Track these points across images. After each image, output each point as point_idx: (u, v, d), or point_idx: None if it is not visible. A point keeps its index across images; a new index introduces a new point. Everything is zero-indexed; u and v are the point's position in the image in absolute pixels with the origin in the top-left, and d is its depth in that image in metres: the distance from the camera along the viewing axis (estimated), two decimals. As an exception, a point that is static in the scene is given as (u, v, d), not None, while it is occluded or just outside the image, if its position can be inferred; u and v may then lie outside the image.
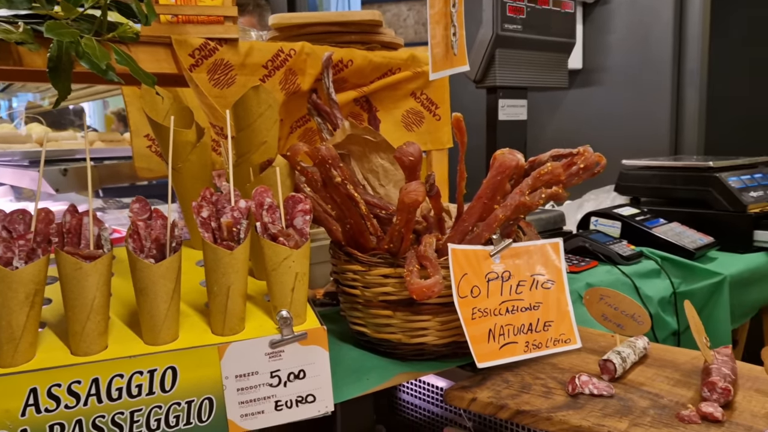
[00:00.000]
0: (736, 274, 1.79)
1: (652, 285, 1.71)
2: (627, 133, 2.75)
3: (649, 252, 1.82)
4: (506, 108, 1.71)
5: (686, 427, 0.83)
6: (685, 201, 2.07)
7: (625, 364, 0.99)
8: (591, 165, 1.13)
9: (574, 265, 1.70)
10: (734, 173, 2.04)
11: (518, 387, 0.97)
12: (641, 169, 2.20)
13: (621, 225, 1.93)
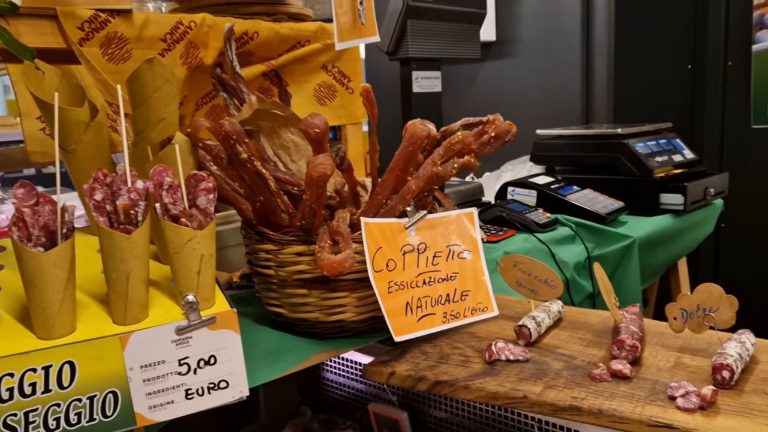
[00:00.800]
0: (645, 237, 1.86)
1: (568, 250, 1.75)
2: (541, 104, 2.80)
3: (564, 219, 1.86)
4: (420, 80, 1.70)
5: (597, 386, 0.85)
6: (597, 168, 2.13)
7: (540, 329, 1.01)
8: (502, 133, 1.13)
9: (493, 234, 1.72)
10: (641, 140, 2.12)
11: (437, 358, 0.97)
12: (554, 139, 2.24)
13: (537, 194, 1.97)
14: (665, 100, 3.51)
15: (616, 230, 1.84)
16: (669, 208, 2.00)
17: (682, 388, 0.80)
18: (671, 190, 1.98)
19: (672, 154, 2.18)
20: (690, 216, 2.08)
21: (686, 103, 3.69)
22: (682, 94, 3.65)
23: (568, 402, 0.81)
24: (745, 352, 0.87)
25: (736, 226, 3.75)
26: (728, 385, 0.82)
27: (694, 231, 2.17)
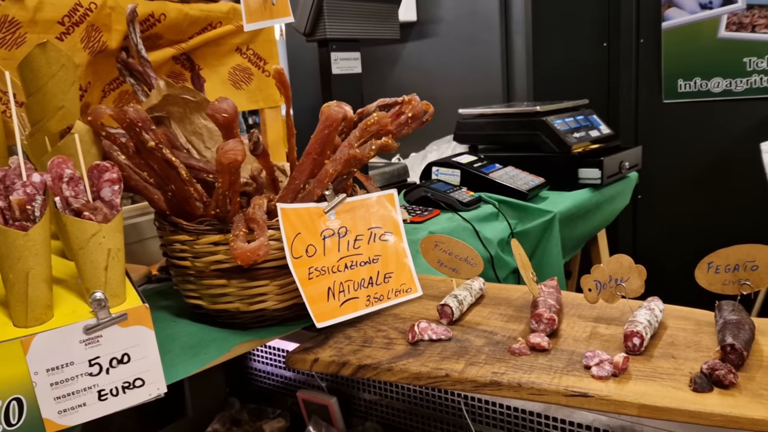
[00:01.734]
0: (565, 211, 1.92)
1: (491, 227, 1.78)
2: (463, 83, 2.83)
3: (487, 196, 1.89)
4: (339, 61, 1.68)
5: (517, 360, 0.86)
6: (518, 145, 2.17)
7: (462, 307, 1.02)
8: (419, 114, 1.13)
9: (418, 215, 1.73)
10: (559, 116, 2.17)
11: (360, 342, 0.96)
12: (476, 118, 2.27)
13: (460, 173, 1.99)
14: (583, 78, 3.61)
15: (538, 206, 1.88)
16: (587, 183, 2.06)
17: (596, 357, 0.82)
18: (589, 165, 2.05)
19: (589, 129, 2.25)
20: (607, 189, 2.15)
21: (603, 79, 3.81)
22: (598, 72, 3.76)
23: (488, 378, 0.82)
24: (654, 319, 0.90)
25: (651, 197, 3.91)
26: (639, 351, 0.85)
27: (612, 204, 2.25)
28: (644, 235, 4.02)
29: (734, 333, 0.81)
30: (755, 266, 0.85)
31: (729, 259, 0.87)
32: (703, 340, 0.89)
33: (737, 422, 0.71)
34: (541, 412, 1.08)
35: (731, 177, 3.54)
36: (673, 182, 3.81)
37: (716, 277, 0.88)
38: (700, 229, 3.71)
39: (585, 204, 2.02)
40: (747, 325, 0.85)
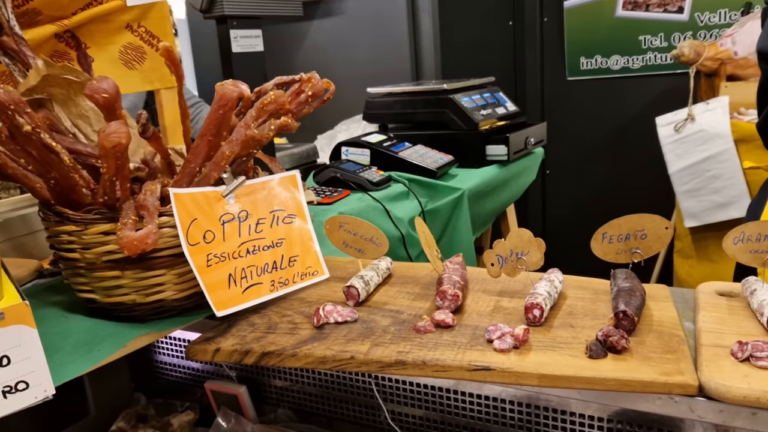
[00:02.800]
0: (473, 188, 1.95)
1: (402, 206, 1.78)
2: (372, 62, 2.81)
3: (398, 175, 1.89)
4: (239, 39, 1.62)
5: (422, 338, 0.86)
6: (427, 123, 2.18)
7: (368, 287, 1.01)
8: (319, 92, 1.10)
9: (327, 196, 1.71)
10: (466, 94, 2.19)
11: (264, 328, 0.94)
12: (385, 96, 2.26)
13: (370, 152, 1.98)
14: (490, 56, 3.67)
15: (447, 183, 1.90)
16: (494, 159, 2.10)
17: (498, 330, 0.83)
18: (495, 141, 2.08)
19: (496, 107, 2.28)
20: (514, 165, 2.20)
21: (509, 57, 3.89)
22: (504, 50, 3.84)
23: (393, 357, 0.82)
24: (554, 290, 0.92)
25: (559, 172, 4.06)
26: (539, 323, 0.87)
27: (519, 179, 2.30)
28: (553, 209, 4.17)
29: (626, 300, 0.84)
30: (644, 235, 0.89)
31: (621, 229, 0.90)
32: (599, 308, 0.92)
33: (629, 385, 0.74)
34: (452, 388, 1.09)
35: (632, 150, 3.71)
36: (579, 157, 3.96)
37: (610, 246, 0.91)
38: (604, 201, 3.89)
39: (493, 180, 2.06)
40: (638, 291, 0.88)
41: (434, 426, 1.11)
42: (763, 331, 0.81)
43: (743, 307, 0.89)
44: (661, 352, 0.78)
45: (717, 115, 3.02)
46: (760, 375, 0.71)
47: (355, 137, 2.06)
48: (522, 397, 1.03)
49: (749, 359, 0.74)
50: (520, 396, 1.03)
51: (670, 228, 0.87)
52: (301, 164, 2.00)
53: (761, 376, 0.71)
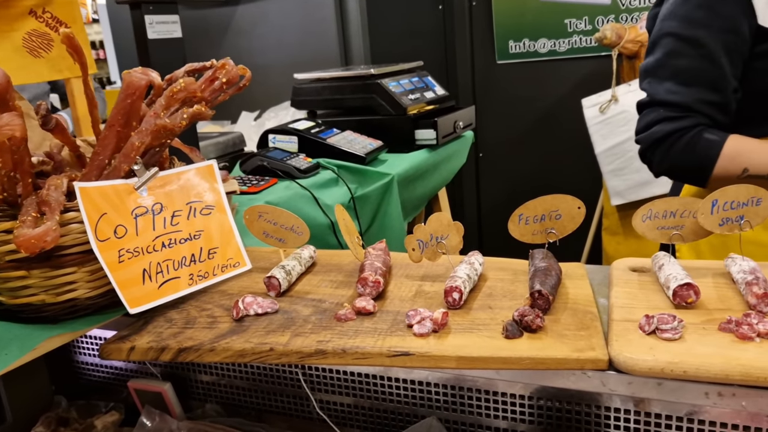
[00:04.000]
0: (403, 173, 1.95)
1: (331, 193, 1.77)
2: (300, 48, 2.77)
3: (326, 162, 1.87)
4: (155, 25, 1.56)
5: (343, 326, 0.86)
6: (355, 109, 2.17)
7: (290, 277, 0.99)
8: (234, 79, 1.07)
9: (254, 185, 1.68)
10: (394, 79, 2.19)
11: (182, 323, 0.91)
12: (313, 82, 2.23)
13: (298, 139, 1.95)
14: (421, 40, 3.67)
15: (376, 169, 1.90)
16: (424, 143, 2.11)
17: (418, 315, 0.83)
18: (424, 126, 2.09)
19: (424, 91, 2.29)
20: (443, 149, 2.21)
21: (440, 42, 3.90)
22: (435, 34, 3.85)
23: (313, 347, 0.81)
24: (474, 272, 0.93)
25: (491, 154, 4.12)
26: (458, 305, 0.87)
27: (449, 163, 2.32)
28: (487, 192, 4.23)
29: (542, 279, 0.86)
30: (559, 215, 0.90)
31: (536, 210, 0.91)
32: (518, 289, 0.93)
33: (544, 363, 0.75)
34: (381, 374, 1.09)
35: (561, 131, 3.80)
36: (510, 139, 4.03)
37: (526, 228, 0.93)
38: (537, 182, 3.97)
39: (423, 164, 2.07)
40: (554, 271, 0.90)
41: (364, 412, 1.11)
42: (670, 305, 0.84)
43: (653, 282, 0.92)
44: (575, 329, 0.80)
45: (638, 96, 3.13)
46: (665, 347, 0.74)
47: (283, 124, 2.02)
48: (449, 380, 1.04)
49: (655, 332, 0.77)
50: (447, 378, 1.03)
51: (583, 208, 0.89)
52: (227, 153, 1.95)
53: (666, 348, 0.74)
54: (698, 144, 1.23)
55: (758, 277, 0.82)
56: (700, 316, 0.81)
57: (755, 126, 1.26)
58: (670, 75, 1.27)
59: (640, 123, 1.33)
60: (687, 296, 0.82)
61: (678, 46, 1.25)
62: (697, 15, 1.22)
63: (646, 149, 1.31)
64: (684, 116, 1.25)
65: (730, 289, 0.88)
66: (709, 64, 1.22)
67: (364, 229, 1.84)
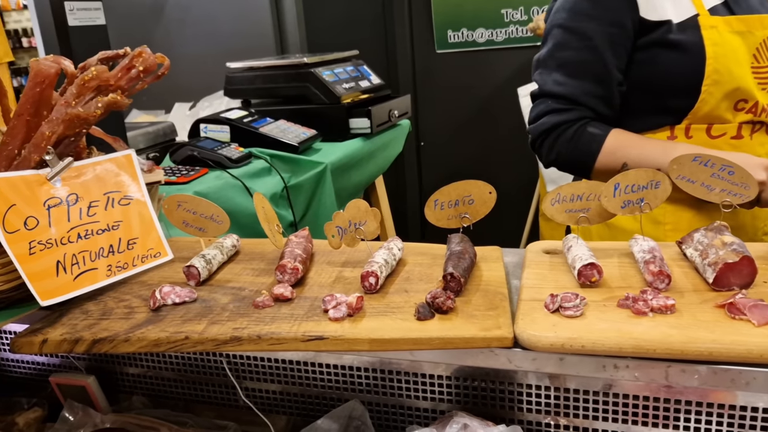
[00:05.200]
0: (337, 161, 1.96)
1: (263, 183, 1.76)
2: (234, 36, 2.74)
3: (259, 152, 1.86)
4: (76, 11, 1.51)
5: (260, 313, 0.86)
6: (290, 98, 2.16)
7: (210, 266, 0.99)
8: (152, 67, 1.05)
9: (183, 175, 1.66)
10: (328, 68, 2.19)
11: (98, 315, 0.90)
12: (246, 71, 2.21)
13: (230, 129, 1.93)
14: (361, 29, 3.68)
15: (309, 158, 1.90)
16: (358, 132, 2.12)
17: (334, 300, 0.85)
18: (358, 114, 2.10)
19: (359, 80, 2.30)
20: (379, 138, 2.23)
21: (380, 31, 3.91)
22: (375, 24, 3.86)
23: (229, 334, 0.81)
24: (392, 258, 0.95)
25: (433, 142, 4.16)
26: (375, 290, 0.89)
27: (385, 151, 2.34)
28: (429, 180, 4.28)
29: (455, 263, 0.89)
30: (471, 200, 0.93)
31: (451, 196, 0.94)
32: (435, 272, 0.96)
33: (452, 342, 0.78)
34: (311, 360, 1.10)
35: (500, 120, 3.87)
36: (451, 128, 4.08)
37: (442, 213, 0.95)
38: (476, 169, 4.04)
39: (357, 153, 2.08)
40: (468, 254, 0.93)
41: (292, 399, 1.12)
42: (576, 284, 0.88)
43: (563, 263, 0.96)
44: (484, 310, 0.83)
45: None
46: (567, 324, 0.78)
47: (214, 114, 2.00)
48: (375, 363, 1.05)
49: (559, 310, 0.80)
50: (374, 362, 1.05)
51: (494, 193, 0.92)
52: (158, 143, 1.92)
53: (567, 325, 0.77)
54: (582, 138, 1.25)
55: (655, 256, 0.87)
56: (603, 294, 0.85)
57: (639, 118, 1.29)
58: (557, 66, 1.28)
59: (531, 113, 1.34)
60: (591, 275, 0.86)
61: (565, 38, 1.26)
62: (584, 7, 1.23)
63: (535, 140, 1.34)
64: (570, 108, 1.27)
65: (632, 268, 0.92)
66: (594, 56, 1.24)
67: (298, 218, 1.84)
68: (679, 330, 0.74)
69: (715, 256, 0.84)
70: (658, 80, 1.25)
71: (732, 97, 1.22)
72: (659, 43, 1.23)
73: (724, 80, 1.20)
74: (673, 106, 1.26)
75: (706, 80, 1.20)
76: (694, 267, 0.90)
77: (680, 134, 1.27)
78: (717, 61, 1.20)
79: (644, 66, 1.25)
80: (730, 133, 1.26)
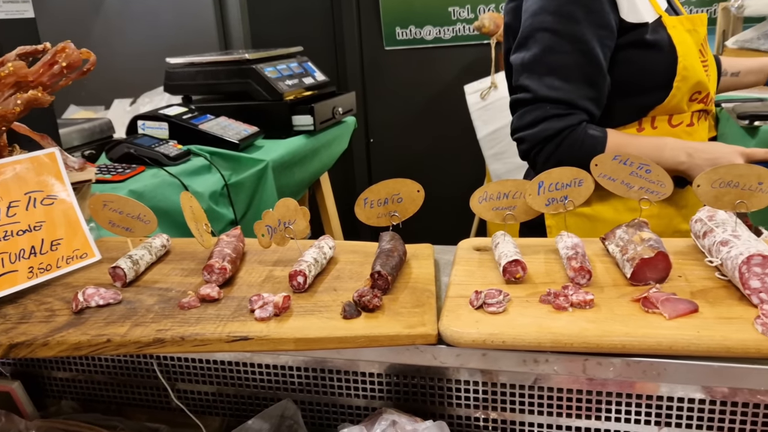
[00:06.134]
0: (279, 159, 1.94)
1: (203, 181, 1.74)
2: (176, 31, 2.69)
3: (198, 149, 1.83)
4: (2, 4, 1.46)
5: (186, 314, 0.85)
6: (232, 94, 2.13)
7: (138, 267, 0.97)
8: (76, 63, 1.03)
9: (119, 173, 1.62)
10: (271, 64, 2.17)
11: (17, 318, 0.87)
12: (187, 67, 2.17)
13: (168, 126, 1.90)
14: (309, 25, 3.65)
15: (251, 155, 1.88)
16: (301, 129, 2.11)
17: (260, 300, 0.84)
18: (301, 111, 2.09)
19: (303, 77, 2.28)
20: (323, 135, 2.22)
21: (329, 28, 3.90)
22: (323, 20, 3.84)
23: (152, 336, 0.80)
24: (322, 256, 0.95)
25: (382, 139, 4.17)
26: (303, 289, 0.89)
27: (329, 149, 2.33)
28: (379, 176, 4.27)
29: (383, 261, 0.89)
30: (400, 198, 0.94)
31: (380, 194, 0.94)
32: (365, 271, 0.96)
33: (377, 340, 0.78)
34: (247, 361, 1.09)
35: (448, 117, 3.90)
36: (400, 124, 4.10)
37: (371, 211, 0.96)
38: (426, 165, 4.07)
39: (300, 150, 2.07)
40: (397, 252, 0.93)
41: (227, 399, 1.11)
42: (502, 280, 0.90)
43: (492, 260, 0.97)
44: (411, 307, 0.84)
45: (516, 83, 3.27)
46: (489, 320, 0.79)
47: (153, 110, 1.96)
48: (310, 363, 1.05)
49: (483, 306, 0.81)
50: (309, 361, 1.05)
51: (422, 191, 0.93)
52: (93, 140, 1.87)
53: (490, 321, 0.79)
54: (585, 141, 1.26)
55: (578, 252, 0.89)
56: (527, 290, 0.87)
57: (612, 114, 1.32)
58: (549, 71, 1.26)
59: (523, 119, 1.30)
60: (515, 272, 0.88)
61: (555, 42, 1.25)
62: (571, 10, 1.23)
63: (533, 147, 1.30)
64: (569, 113, 1.26)
65: (557, 264, 0.94)
66: (586, 59, 1.24)
67: (239, 216, 1.82)
68: (595, 324, 0.77)
69: (633, 252, 0.87)
70: (635, 79, 1.29)
71: (692, 89, 1.29)
72: (636, 44, 1.27)
73: (690, 75, 1.27)
74: (645, 102, 1.30)
75: (678, 76, 1.26)
76: (615, 262, 0.93)
77: (647, 126, 1.33)
78: (685, 58, 1.26)
79: (622, 66, 1.28)
80: (686, 121, 1.34)
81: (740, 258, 0.78)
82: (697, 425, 0.85)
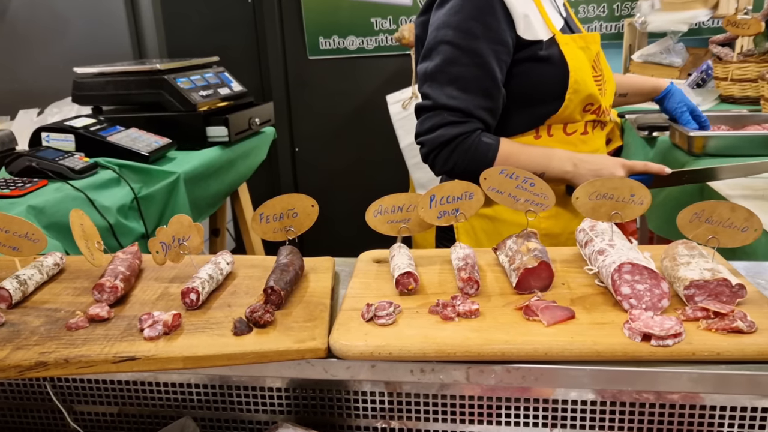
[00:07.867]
0: (191, 171, 1.92)
1: (111, 194, 1.70)
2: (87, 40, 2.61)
3: (107, 161, 1.79)
4: None
5: (73, 334, 0.83)
6: (143, 105, 2.09)
7: (25, 287, 0.94)
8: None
9: (18, 188, 1.56)
10: (184, 75, 2.13)
11: None
12: (96, 77, 2.11)
13: (75, 138, 1.84)
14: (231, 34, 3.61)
15: (161, 168, 1.85)
16: (216, 141, 2.09)
17: (150, 318, 0.83)
18: (215, 122, 2.06)
19: (219, 87, 2.26)
20: (239, 146, 2.20)
21: (251, 37, 3.87)
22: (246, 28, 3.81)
23: (34, 359, 0.78)
24: (218, 272, 0.95)
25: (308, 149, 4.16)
26: (196, 306, 0.88)
27: (247, 159, 2.32)
28: (304, 186, 4.27)
29: (278, 276, 0.90)
30: (295, 213, 0.95)
31: (275, 209, 0.95)
32: (262, 285, 0.96)
33: (267, 356, 0.79)
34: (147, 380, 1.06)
35: (371, 127, 3.93)
36: (325, 134, 4.10)
37: (268, 226, 0.96)
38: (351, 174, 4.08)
39: (215, 162, 2.05)
40: (293, 266, 0.94)
41: (129, 420, 1.08)
42: (396, 292, 0.92)
43: (388, 272, 0.99)
44: (303, 321, 0.85)
45: (436, 94, 3.33)
46: (378, 332, 0.81)
47: (58, 121, 1.90)
48: (215, 379, 1.04)
49: (374, 318, 0.83)
50: (213, 378, 1.04)
51: (316, 206, 0.95)
52: (-7, 153, 1.79)
53: (378, 333, 0.81)
54: (479, 148, 1.34)
55: (468, 263, 0.92)
56: (418, 301, 0.89)
57: (510, 124, 1.41)
58: (448, 81, 1.34)
59: (424, 125, 1.38)
60: (407, 284, 0.90)
61: (455, 55, 1.33)
62: (471, 26, 1.32)
63: (431, 151, 1.38)
64: (465, 121, 1.34)
65: (450, 274, 0.97)
66: (483, 72, 1.33)
67: (150, 229, 1.78)
68: (478, 333, 0.80)
69: (519, 262, 0.91)
70: (530, 90, 1.38)
71: (584, 101, 1.39)
72: (532, 59, 1.36)
73: (581, 88, 1.36)
74: (541, 112, 1.40)
75: (569, 89, 1.36)
76: (505, 272, 0.97)
77: (544, 134, 1.42)
78: (576, 73, 1.35)
79: (519, 78, 1.37)
80: (580, 130, 1.44)
81: (612, 266, 0.83)
82: (589, 426, 0.89)
